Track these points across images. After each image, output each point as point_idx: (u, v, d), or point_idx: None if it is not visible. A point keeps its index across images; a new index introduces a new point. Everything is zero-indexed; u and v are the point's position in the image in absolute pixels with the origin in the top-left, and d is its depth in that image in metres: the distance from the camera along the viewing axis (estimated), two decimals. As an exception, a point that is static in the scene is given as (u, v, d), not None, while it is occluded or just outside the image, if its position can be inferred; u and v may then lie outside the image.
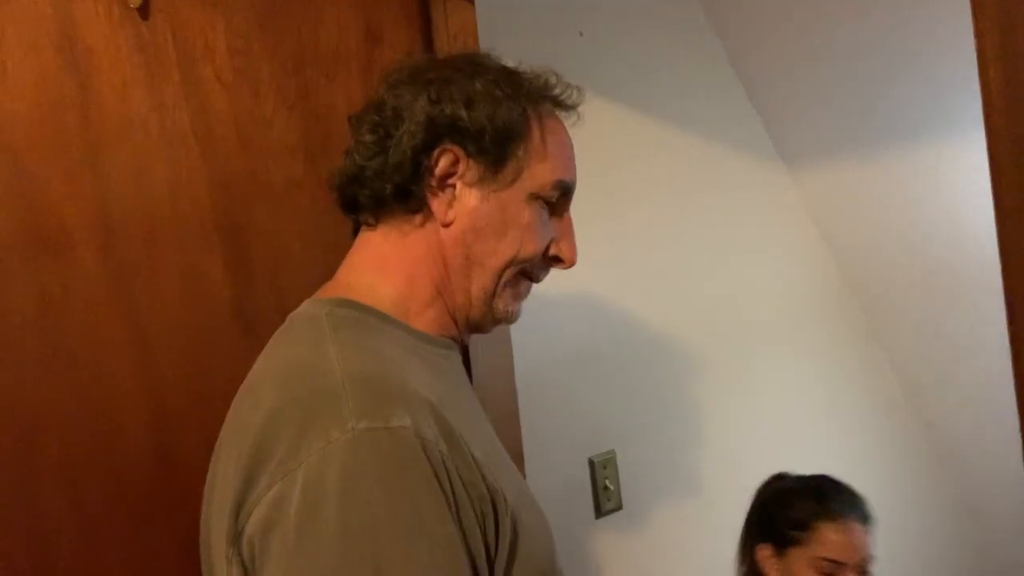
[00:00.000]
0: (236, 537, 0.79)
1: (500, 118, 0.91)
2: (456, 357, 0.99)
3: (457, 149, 0.91)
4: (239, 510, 0.79)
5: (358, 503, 0.75)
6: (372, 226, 0.95)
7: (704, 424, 1.96)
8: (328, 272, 0.98)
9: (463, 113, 0.91)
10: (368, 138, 0.93)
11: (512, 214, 0.93)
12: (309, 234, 1.26)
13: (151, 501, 1.13)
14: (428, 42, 1.40)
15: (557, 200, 0.97)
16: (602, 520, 1.77)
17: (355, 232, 0.99)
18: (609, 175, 1.81)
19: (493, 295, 0.95)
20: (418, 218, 0.93)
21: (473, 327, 0.99)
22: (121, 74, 1.13)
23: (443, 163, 0.91)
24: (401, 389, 0.81)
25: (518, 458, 1.51)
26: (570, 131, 1.01)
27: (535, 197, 0.94)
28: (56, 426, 1.08)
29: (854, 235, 2.24)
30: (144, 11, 1.15)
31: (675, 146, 1.96)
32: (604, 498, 1.77)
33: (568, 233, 1.00)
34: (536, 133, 0.94)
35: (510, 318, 0.99)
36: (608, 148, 1.82)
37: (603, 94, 1.83)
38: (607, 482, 1.77)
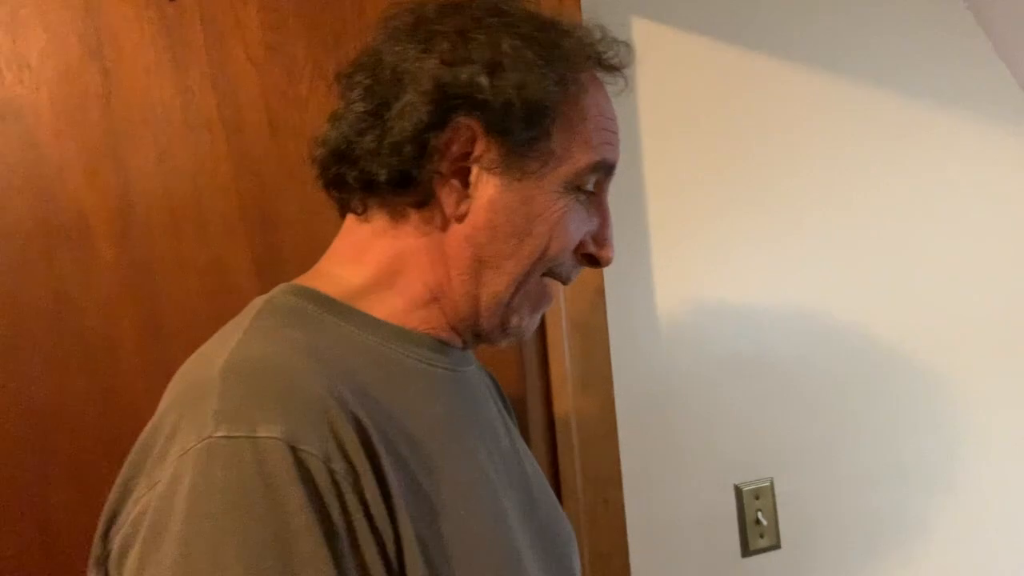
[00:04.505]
0: (103, 560, 0.68)
1: (532, 89, 0.72)
2: (453, 364, 0.80)
3: (475, 124, 0.72)
4: (109, 528, 0.67)
5: (203, 532, 0.59)
6: (360, 213, 0.78)
7: (904, 455, 1.58)
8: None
9: (483, 81, 0.71)
10: (359, 106, 0.75)
11: (540, 208, 0.75)
12: (346, 223, 1.15)
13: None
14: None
15: (595, 184, 0.79)
16: (751, 559, 1.49)
17: (342, 215, 0.83)
18: (792, 141, 1.52)
19: (507, 305, 0.77)
20: (420, 209, 0.76)
21: (480, 339, 0.81)
22: (145, 59, 1.10)
23: (457, 143, 0.73)
24: (286, 385, 0.65)
25: (615, 484, 1.29)
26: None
27: (571, 186, 0.76)
28: (68, 420, 1.06)
29: None
30: (170, -9, 1.10)
31: (889, 109, 1.59)
32: (755, 533, 1.48)
33: (606, 225, 0.81)
34: (575, 106, 0.75)
35: (522, 334, 0.81)
36: (794, 115, 1.52)
37: (804, 61, 1.54)
38: (759, 515, 1.48)
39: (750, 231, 1.48)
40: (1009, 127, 1.66)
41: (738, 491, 1.48)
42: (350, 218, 0.80)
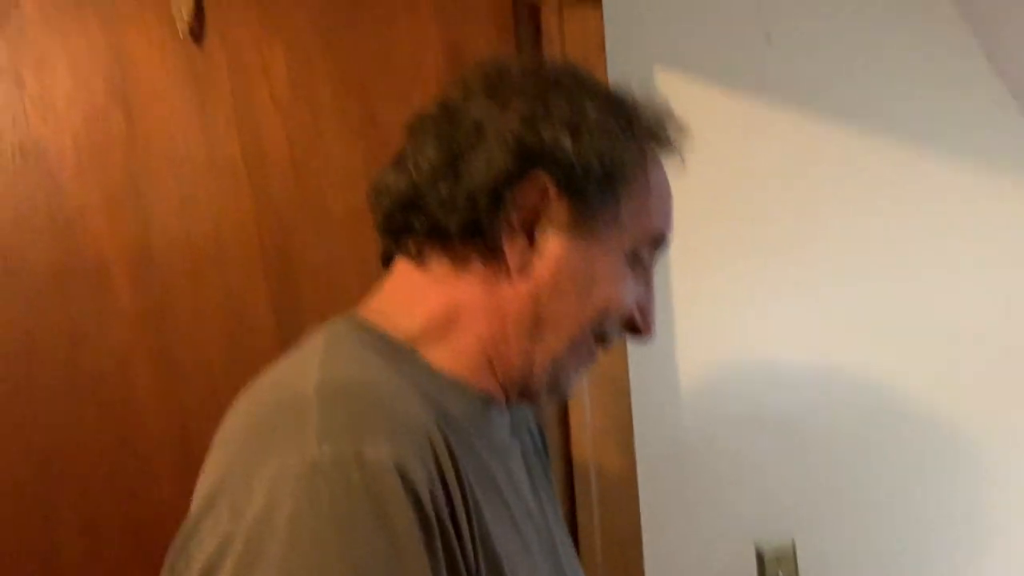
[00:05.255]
0: None
1: (611, 155, 0.73)
2: (495, 419, 0.79)
3: (550, 182, 0.72)
4: (181, 552, 0.63)
5: (307, 556, 0.56)
6: (416, 259, 0.77)
7: (933, 517, 1.54)
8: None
9: (567, 141, 0.72)
10: (433, 154, 0.74)
11: (602, 270, 0.76)
12: (368, 270, 1.12)
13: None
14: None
15: (649, 255, 0.80)
16: (771, 625, 1.44)
17: (385, 259, 0.81)
18: (812, 194, 1.50)
19: (561, 364, 0.77)
20: (484, 261, 0.74)
21: (525, 397, 0.79)
22: (170, 102, 1.09)
23: (531, 198, 0.73)
24: (388, 406, 0.64)
25: (634, 543, 1.26)
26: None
27: (631, 253, 0.77)
28: (79, 465, 1.05)
29: None
30: (198, 35, 1.10)
31: (908, 161, 1.57)
32: (776, 597, 1.44)
33: (652, 296, 0.82)
34: (644, 177, 0.77)
35: (569, 393, 0.81)
36: (814, 167, 1.51)
37: (799, 105, 1.53)
38: (780, 577, 1.44)
39: (772, 286, 1.46)
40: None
41: (759, 554, 1.44)
42: (403, 263, 0.79)
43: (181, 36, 1.08)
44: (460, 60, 1.17)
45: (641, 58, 1.43)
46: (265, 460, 0.59)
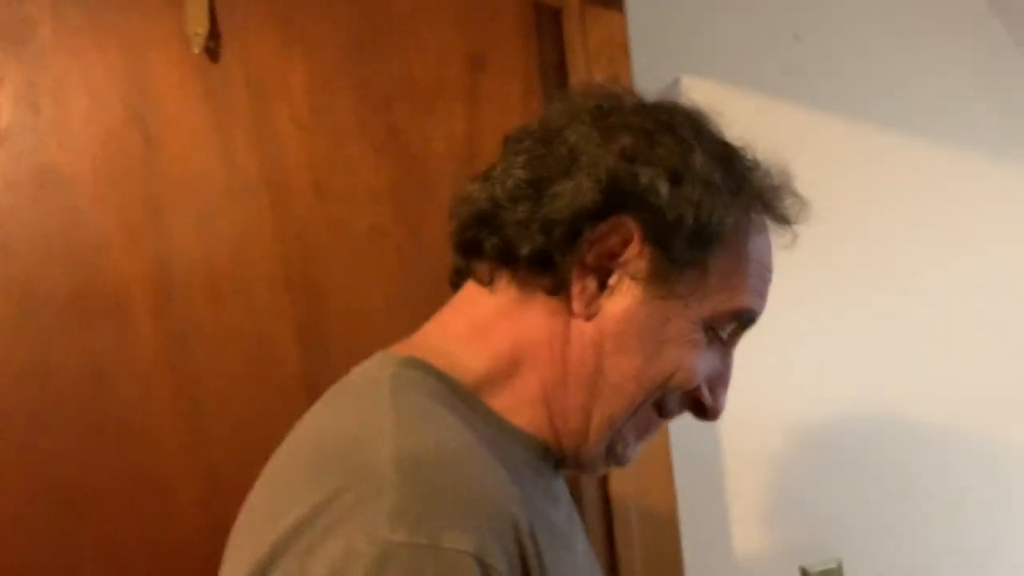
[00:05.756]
0: None
1: (709, 211, 0.67)
2: (552, 466, 0.74)
3: (636, 228, 0.67)
4: None
5: None
6: (486, 284, 0.72)
7: (984, 534, 1.48)
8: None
9: (663, 187, 0.66)
10: (520, 173, 0.69)
11: (676, 333, 0.69)
12: (394, 291, 1.10)
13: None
14: (555, 63, 1.19)
15: (730, 331, 0.73)
16: (820, 651, 1.38)
17: (455, 281, 0.77)
18: (849, 208, 1.45)
19: (618, 430, 0.71)
20: (550, 295, 0.69)
21: (576, 462, 0.73)
22: (189, 124, 1.06)
23: (612, 240, 0.67)
24: (472, 485, 0.58)
25: (675, 569, 1.21)
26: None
27: (708, 325, 0.70)
28: (100, 499, 1.02)
29: None
30: (214, 53, 1.07)
31: (946, 170, 1.52)
32: (823, 622, 1.38)
33: (727, 375, 0.75)
34: (741, 244, 0.71)
35: (625, 461, 0.74)
36: (850, 174, 1.46)
37: (832, 110, 1.49)
38: (828, 602, 1.39)
39: (812, 303, 1.41)
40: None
41: (804, 574, 1.38)
42: (472, 288, 0.74)
43: (196, 52, 1.05)
44: (484, 70, 1.14)
45: (667, 62, 1.39)
46: (329, 537, 0.54)
